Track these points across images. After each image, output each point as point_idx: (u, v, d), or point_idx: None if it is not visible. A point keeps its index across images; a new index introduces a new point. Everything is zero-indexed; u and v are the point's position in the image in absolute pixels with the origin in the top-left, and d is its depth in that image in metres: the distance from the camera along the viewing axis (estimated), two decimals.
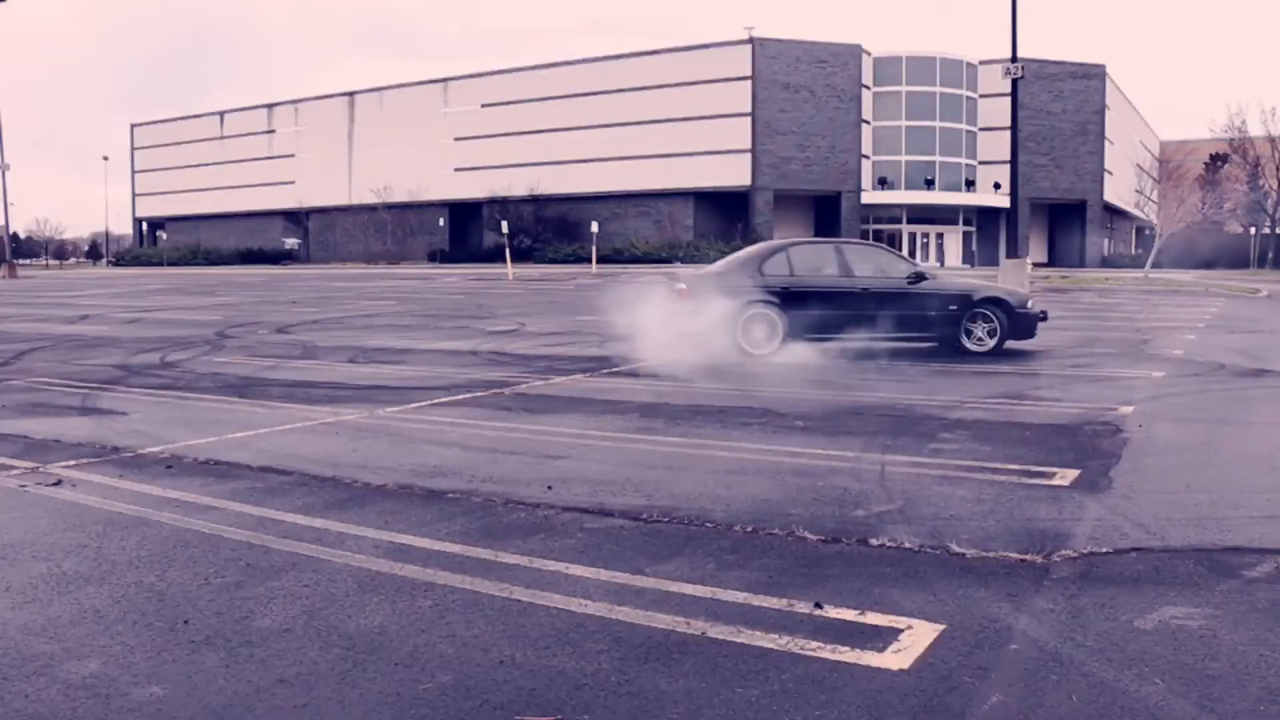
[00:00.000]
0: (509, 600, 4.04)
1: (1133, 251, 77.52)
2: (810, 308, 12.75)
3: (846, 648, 3.52)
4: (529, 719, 3.03)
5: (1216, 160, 74.83)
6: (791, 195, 66.55)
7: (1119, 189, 71.72)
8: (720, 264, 14.48)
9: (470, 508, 5.49)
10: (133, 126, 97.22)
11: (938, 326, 13.10)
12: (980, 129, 69.85)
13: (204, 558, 4.63)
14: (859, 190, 66.83)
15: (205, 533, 5.02)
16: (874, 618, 3.80)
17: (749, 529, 5.01)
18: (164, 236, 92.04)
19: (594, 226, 52.98)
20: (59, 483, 6.10)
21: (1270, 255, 68.36)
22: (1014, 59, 27.86)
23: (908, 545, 4.71)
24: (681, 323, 12.51)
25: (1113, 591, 4.07)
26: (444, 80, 77.78)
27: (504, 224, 48.76)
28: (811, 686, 3.22)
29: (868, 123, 68.29)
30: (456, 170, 75.47)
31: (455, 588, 4.20)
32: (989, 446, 7.03)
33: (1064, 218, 73.25)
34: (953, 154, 69.77)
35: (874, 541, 4.78)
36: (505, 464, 6.65)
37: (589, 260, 54.30)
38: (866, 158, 68.09)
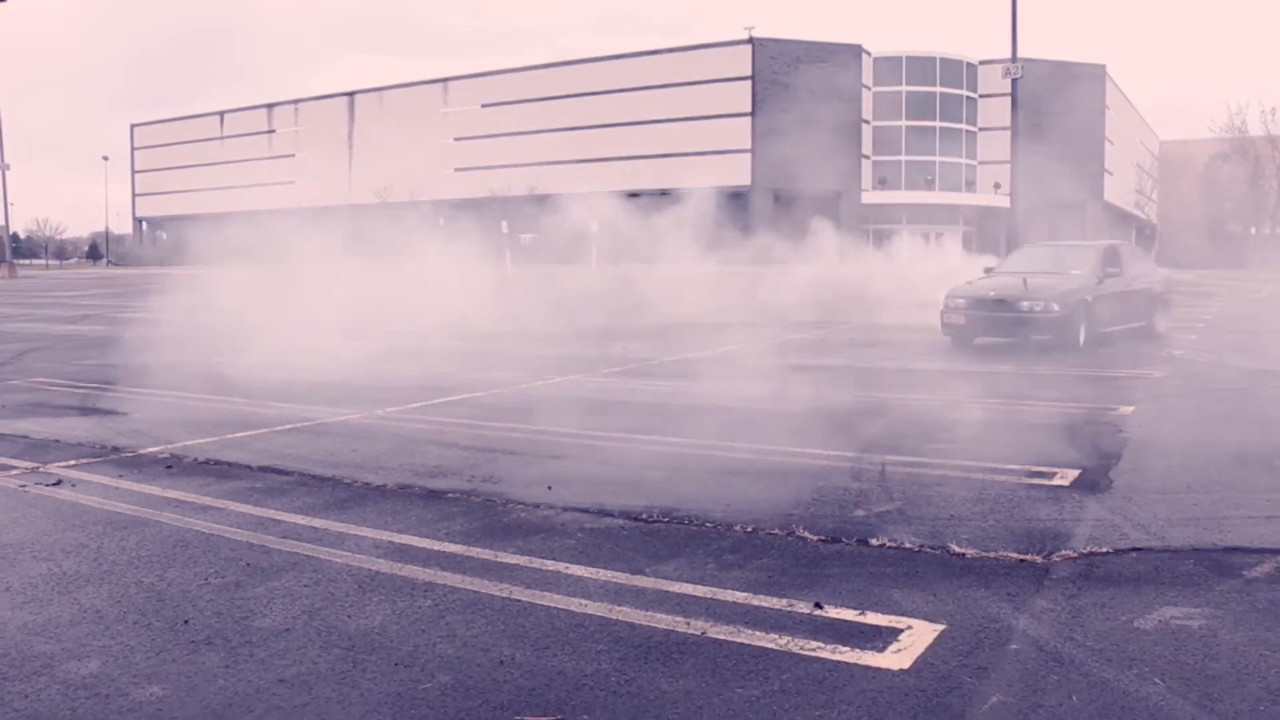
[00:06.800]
0: (509, 600, 4.04)
1: None
2: None
3: (846, 648, 3.52)
4: (529, 719, 3.03)
5: (1216, 160, 74.72)
6: (791, 195, 66.49)
7: (1119, 189, 71.62)
8: None
9: (470, 508, 5.49)
10: (133, 126, 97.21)
11: None
12: (980, 129, 69.79)
13: (204, 558, 4.63)
14: (859, 190, 66.79)
15: (205, 533, 5.03)
16: (874, 618, 3.80)
17: (749, 529, 5.01)
18: (164, 236, 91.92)
19: (594, 226, 52.97)
20: (59, 483, 6.10)
21: (1271, 255, 68.31)
22: (1014, 59, 27.88)
23: (908, 545, 4.71)
24: None
25: (1113, 591, 4.07)
26: (444, 80, 77.80)
27: (504, 223, 48.72)
28: (811, 686, 3.22)
29: (868, 123, 68.24)
30: (456, 170, 75.45)
31: (455, 588, 4.20)
32: (989, 446, 7.03)
33: (1064, 218, 73.15)
34: (953, 154, 69.70)
35: (874, 541, 4.78)
36: (505, 464, 6.65)
37: (589, 260, 54.29)
38: (866, 158, 68.05)
